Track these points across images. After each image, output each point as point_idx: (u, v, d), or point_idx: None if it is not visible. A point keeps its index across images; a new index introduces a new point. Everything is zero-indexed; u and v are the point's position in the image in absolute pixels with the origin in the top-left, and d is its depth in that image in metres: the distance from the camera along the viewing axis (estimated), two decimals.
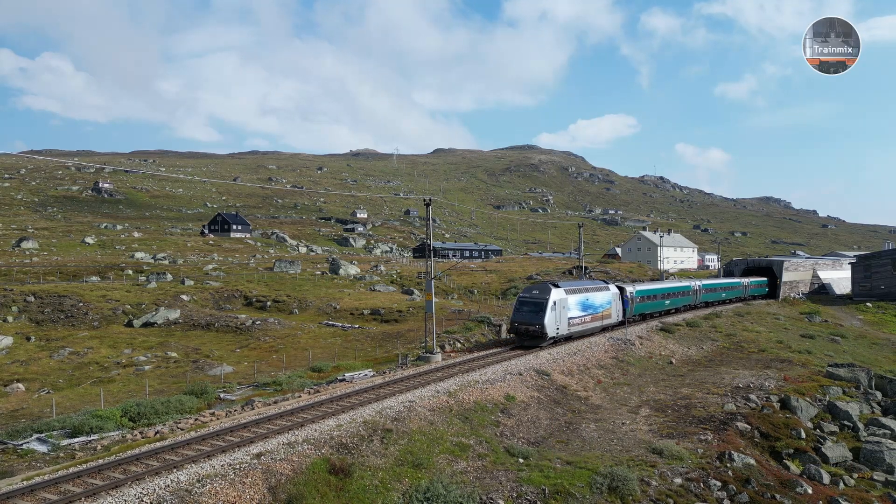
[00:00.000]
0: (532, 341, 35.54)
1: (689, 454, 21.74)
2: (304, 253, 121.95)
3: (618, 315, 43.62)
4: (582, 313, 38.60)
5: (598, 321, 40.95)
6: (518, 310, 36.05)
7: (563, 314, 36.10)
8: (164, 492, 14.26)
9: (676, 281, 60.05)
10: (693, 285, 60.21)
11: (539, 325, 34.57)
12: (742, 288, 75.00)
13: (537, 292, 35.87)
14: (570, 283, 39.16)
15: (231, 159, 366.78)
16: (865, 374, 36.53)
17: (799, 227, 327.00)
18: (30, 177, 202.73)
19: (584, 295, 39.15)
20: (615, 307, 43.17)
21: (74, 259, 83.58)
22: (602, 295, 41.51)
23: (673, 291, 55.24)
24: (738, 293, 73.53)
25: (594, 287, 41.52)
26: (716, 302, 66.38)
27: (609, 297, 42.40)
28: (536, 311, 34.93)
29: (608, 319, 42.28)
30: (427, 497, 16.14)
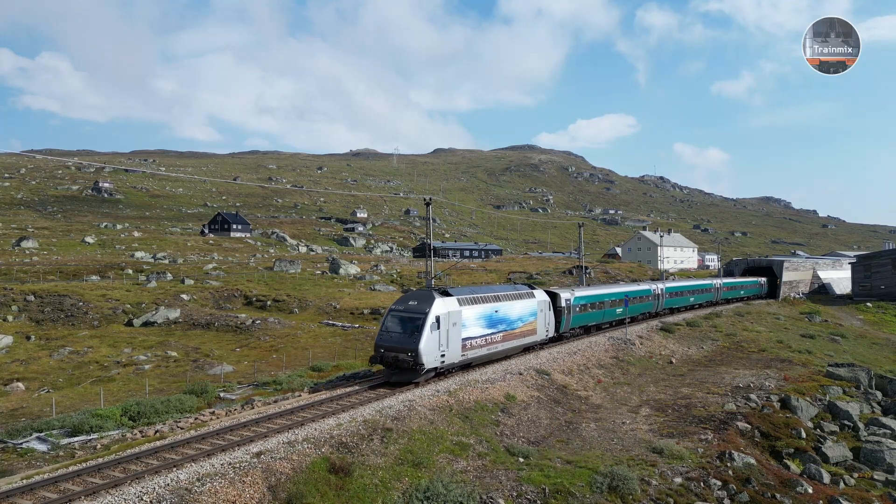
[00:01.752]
0: (402, 376, 24.91)
1: (689, 454, 21.74)
2: (304, 252, 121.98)
3: (547, 329, 34.75)
4: (487, 331, 28.67)
5: (516, 339, 31.45)
6: (385, 328, 25.58)
7: (453, 334, 25.90)
8: (164, 490, 14.24)
9: (634, 284, 52.44)
10: (654, 289, 52.20)
11: (412, 351, 24.08)
12: (714, 290, 65.67)
13: (414, 303, 25.62)
14: (468, 290, 29.37)
15: (231, 159, 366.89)
16: (865, 373, 36.56)
17: (799, 227, 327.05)
18: (30, 176, 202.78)
19: (490, 306, 29.11)
20: (543, 320, 34.08)
21: (74, 258, 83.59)
22: (522, 305, 31.97)
23: (627, 297, 46.70)
24: (710, 297, 64.63)
25: (509, 294, 31.71)
26: (683, 308, 58.36)
27: (533, 306, 32.97)
28: (410, 330, 24.67)
29: (531, 336, 33.09)
30: (427, 496, 16.12)
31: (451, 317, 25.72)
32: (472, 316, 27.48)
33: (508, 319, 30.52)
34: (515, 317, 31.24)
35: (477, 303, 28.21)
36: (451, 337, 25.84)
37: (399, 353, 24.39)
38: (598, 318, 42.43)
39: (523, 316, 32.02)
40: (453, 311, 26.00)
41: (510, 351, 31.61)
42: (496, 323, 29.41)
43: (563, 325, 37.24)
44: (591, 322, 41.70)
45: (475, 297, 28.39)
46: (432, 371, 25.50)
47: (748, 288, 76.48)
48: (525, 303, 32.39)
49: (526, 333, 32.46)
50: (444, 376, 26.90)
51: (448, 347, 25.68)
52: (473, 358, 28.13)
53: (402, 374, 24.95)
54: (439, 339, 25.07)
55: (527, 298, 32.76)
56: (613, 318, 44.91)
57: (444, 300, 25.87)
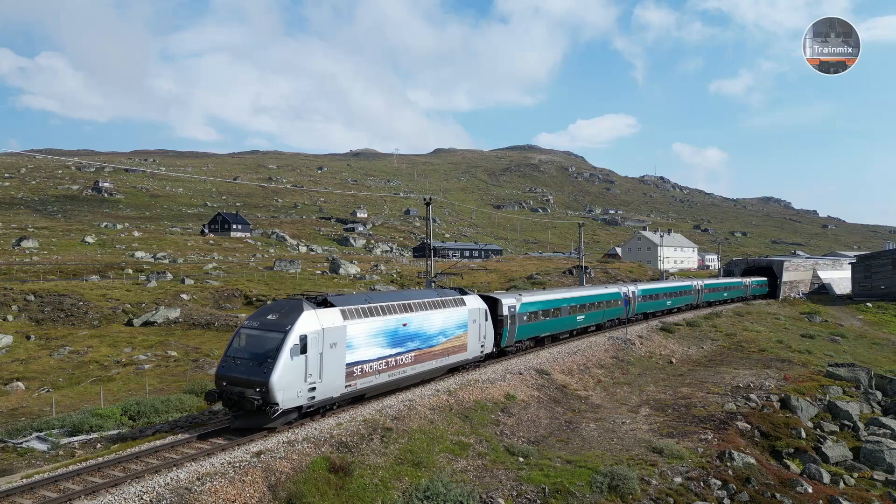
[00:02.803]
0: (247, 420, 18.51)
1: (689, 453, 21.76)
2: (304, 252, 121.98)
3: (483, 344, 28.81)
4: (389, 351, 22.40)
5: (436, 360, 25.24)
6: (229, 352, 19.22)
7: (331, 358, 19.66)
8: (164, 490, 14.25)
9: (600, 287, 46.97)
10: (625, 292, 47.06)
11: (261, 385, 17.78)
12: (694, 293, 60.95)
13: (274, 316, 19.38)
14: (360, 298, 22.77)
15: (231, 159, 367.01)
16: (865, 373, 36.59)
17: (799, 227, 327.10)
18: (30, 176, 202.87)
19: (394, 319, 22.71)
20: (477, 333, 28.12)
21: (74, 258, 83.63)
22: (445, 315, 25.74)
23: (590, 302, 40.92)
24: (689, 300, 59.87)
25: (426, 302, 25.15)
26: (659, 312, 53.97)
27: (462, 316, 26.86)
28: (261, 355, 18.38)
29: (459, 354, 26.87)
30: (427, 496, 16.13)
31: (327, 335, 19.45)
32: (365, 332, 21.25)
33: (424, 335, 24.35)
34: (435, 331, 25.11)
35: (373, 314, 21.88)
36: (328, 363, 19.47)
37: (245, 389, 17.94)
38: (553, 328, 36.81)
39: (447, 329, 25.88)
40: (331, 328, 19.71)
41: (428, 374, 25.42)
42: (404, 340, 23.18)
43: (506, 337, 31.42)
44: (543, 332, 35.84)
45: (370, 308, 22.04)
46: (294, 412, 18.91)
47: (732, 289, 71.86)
48: (450, 313, 26.19)
49: (451, 351, 26.29)
50: (303, 419, 19.89)
51: (322, 377, 19.25)
52: (366, 388, 21.62)
53: (248, 417, 18.35)
54: (305, 368, 18.63)
55: (453, 307, 26.60)
56: (574, 327, 39.43)
57: (316, 313, 19.69)
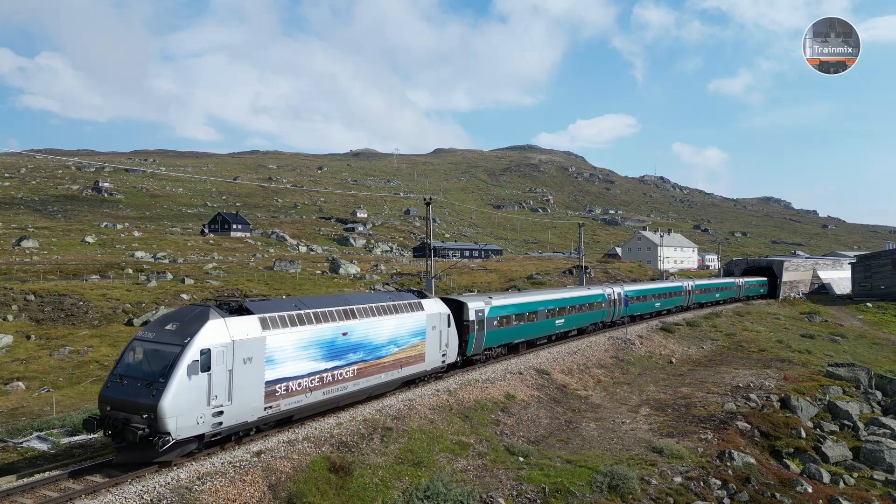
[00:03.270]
0: (132, 453, 15.34)
1: (689, 453, 21.78)
2: (304, 252, 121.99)
3: (444, 353, 26.15)
4: (324, 365, 19.60)
5: (386, 372, 22.56)
6: (117, 370, 16.17)
7: (245, 375, 16.87)
8: (165, 489, 14.27)
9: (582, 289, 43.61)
10: (609, 293, 44.26)
11: (148, 411, 14.93)
12: (684, 294, 59.14)
13: (173, 326, 16.43)
14: (289, 303, 19.88)
15: (231, 159, 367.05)
16: (865, 373, 36.62)
17: (799, 227, 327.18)
18: (30, 176, 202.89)
19: (329, 327, 19.91)
20: (437, 340, 25.48)
21: (74, 258, 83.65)
22: (397, 322, 23.15)
23: (570, 305, 38.52)
24: (679, 301, 58.10)
25: (373, 307, 22.49)
26: (647, 314, 51.78)
27: (419, 323, 24.35)
28: (151, 374, 15.50)
29: (415, 366, 24.22)
30: (427, 495, 16.15)
31: (239, 348, 16.69)
32: (293, 344, 18.49)
33: (369, 345, 21.64)
34: (384, 339, 22.44)
35: (302, 323, 19.01)
36: (240, 381, 16.67)
37: (131, 414, 15.04)
38: (528, 334, 34.13)
39: (400, 337, 23.20)
40: (245, 340, 16.94)
41: (375, 390, 22.54)
42: (344, 352, 20.43)
43: (473, 345, 28.69)
44: (517, 338, 33.21)
45: (300, 315, 19.13)
46: (193, 441, 15.92)
47: (724, 290, 70.02)
48: (403, 319, 23.52)
49: (405, 362, 23.54)
50: (234, 443, 17.49)
51: (231, 399, 16.43)
52: (293, 409, 18.71)
53: (131, 450, 15.20)
54: (209, 388, 15.85)
55: (407, 312, 23.85)
56: (552, 332, 36.98)
57: (226, 322, 16.80)
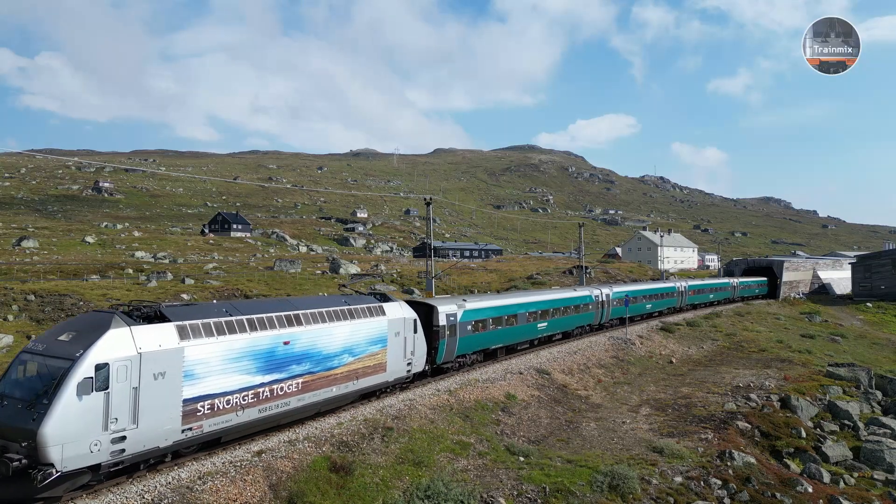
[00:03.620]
0: (7, 488, 13.00)
1: (689, 453, 21.78)
2: (304, 252, 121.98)
3: (407, 362, 23.80)
4: (258, 379, 17.23)
5: (338, 385, 20.24)
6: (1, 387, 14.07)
7: (155, 394, 14.59)
8: (166, 489, 14.28)
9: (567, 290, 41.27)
10: (597, 295, 42.12)
11: (28, 437, 12.73)
12: (677, 295, 58.21)
13: (68, 336, 14.30)
14: (221, 308, 17.41)
15: (231, 159, 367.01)
16: (866, 373, 36.65)
17: (799, 227, 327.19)
18: (30, 176, 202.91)
19: (268, 335, 17.66)
20: (401, 348, 23.29)
21: (75, 258, 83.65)
22: (351, 329, 20.90)
23: (554, 307, 36.74)
24: (671, 302, 57.28)
25: (322, 313, 20.04)
26: (637, 317, 49.94)
27: (377, 329, 22.09)
28: (34, 395, 13.32)
29: (374, 376, 21.97)
30: (428, 495, 16.15)
31: (148, 362, 14.29)
32: (220, 355, 16.13)
33: (318, 354, 19.32)
34: (337, 348, 20.13)
35: (232, 331, 16.63)
36: (149, 400, 14.33)
37: (9, 441, 12.90)
38: (506, 339, 32.08)
39: (356, 346, 21.02)
40: (157, 352, 14.52)
41: (326, 404, 20.14)
42: (286, 363, 18.15)
43: (443, 352, 26.46)
44: (494, 344, 31.02)
45: (229, 323, 16.73)
46: (85, 474, 13.59)
47: (719, 291, 69.09)
48: (360, 325, 21.29)
49: (361, 373, 21.27)
50: (144, 471, 15.17)
51: (137, 421, 14.09)
52: (220, 430, 16.33)
53: (8, 485, 12.87)
54: (106, 410, 13.61)
55: (365, 318, 21.65)
56: (534, 336, 35.09)
57: (132, 331, 14.39)
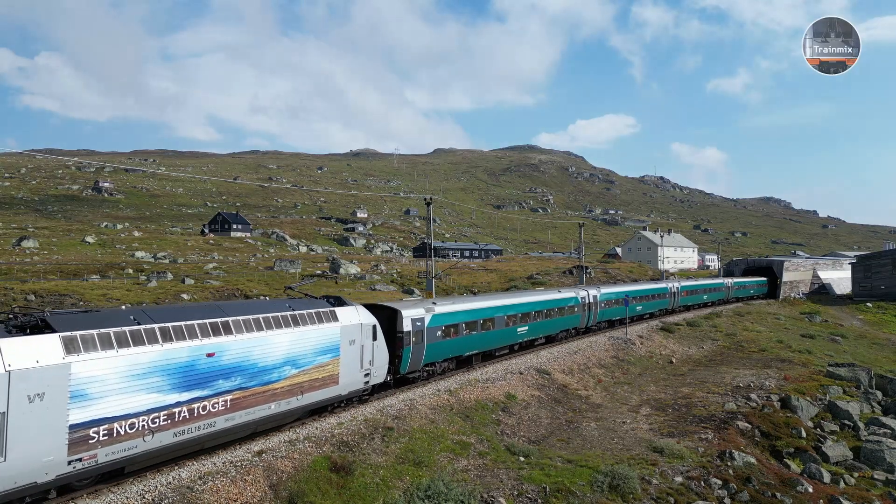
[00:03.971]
0: None
1: (689, 453, 21.79)
2: (304, 252, 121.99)
3: (365, 373, 21.39)
4: (173, 398, 14.98)
5: (277, 401, 17.71)
6: None
7: (28, 421, 12.26)
8: (166, 489, 14.28)
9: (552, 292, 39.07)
10: (583, 297, 40.16)
11: None
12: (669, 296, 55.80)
13: None
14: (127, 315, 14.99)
15: (231, 159, 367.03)
16: (866, 373, 36.66)
17: (799, 227, 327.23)
18: (30, 176, 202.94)
19: (185, 347, 15.33)
20: (355, 357, 20.77)
21: (75, 258, 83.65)
22: (296, 337, 18.41)
23: (536, 310, 34.69)
24: (664, 304, 55.16)
25: (257, 319, 17.54)
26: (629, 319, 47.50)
27: (328, 337, 19.59)
28: None
29: (323, 390, 19.48)
30: (428, 495, 16.15)
31: (20, 381, 12.18)
32: (121, 371, 13.87)
33: (252, 367, 16.85)
34: (277, 359, 17.63)
35: (137, 342, 14.19)
36: (22, 427, 12.22)
37: None
38: (482, 345, 29.93)
39: (301, 356, 18.47)
40: (31, 370, 12.38)
41: (264, 423, 17.68)
42: (210, 378, 15.75)
43: (408, 361, 24.22)
44: (468, 350, 29.01)
45: (134, 333, 14.26)
46: None
47: (713, 291, 67.66)
48: (306, 333, 18.74)
49: (308, 387, 18.69)
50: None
51: (5, 453, 11.95)
52: (123, 459, 14.08)
53: None
54: None
55: (313, 324, 19.12)
56: (514, 341, 33.12)
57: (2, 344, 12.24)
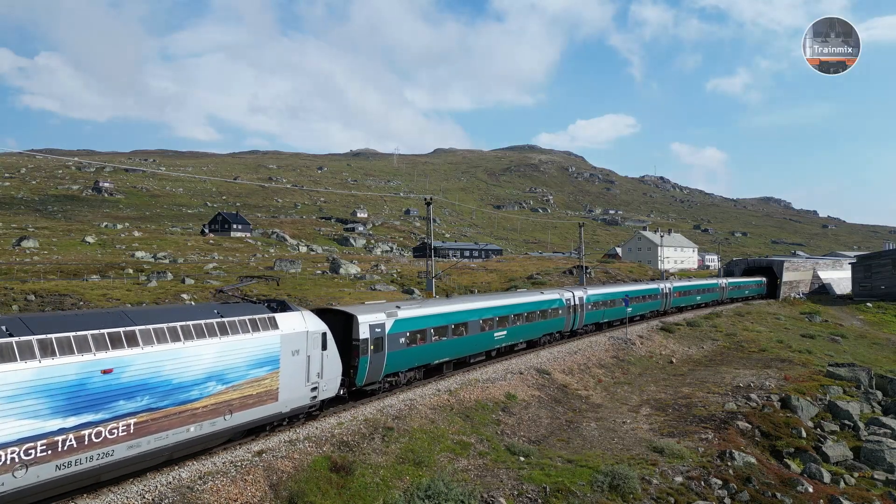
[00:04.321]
0: None
1: (689, 453, 21.78)
2: (304, 252, 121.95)
3: (312, 387, 18.89)
4: (57, 424, 12.32)
5: (196, 423, 15.35)
6: None
7: None
8: (166, 489, 14.28)
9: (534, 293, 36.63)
10: (567, 298, 37.95)
11: None
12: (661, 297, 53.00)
13: None
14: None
15: (231, 159, 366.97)
16: (866, 373, 36.66)
17: (799, 227, 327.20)
18: (30, 176, 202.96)
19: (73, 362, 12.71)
20: (300, 370, 18.39)
21: (75, 258, 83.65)
22: (223, 348, 16.07)
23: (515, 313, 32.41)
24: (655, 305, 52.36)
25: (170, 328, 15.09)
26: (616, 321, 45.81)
27: (265, 347, 17.31)
28: None
29: (259, 407, 17.13)
30: (428, 495, 16.15)
31: None
32: None
33: (164, 384, 14.48)
34: (198, 374, 15.22)
35: (4, 359, 11.85)
36: None
37: None
38: (452, 352, 27.57)
39: (230, 370, 16.11)
40: None
41: (181, 448, 15.19)
42: (107, 399, 13.40)
43: (365, 371, 21.77)
44: (437, 358, 26.48)
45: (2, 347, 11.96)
46: None
47: (706, 292, 66.16)
48: (237, 342, 16.38)
49: (239, 405, 16.35)
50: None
51: None
52: None
53: None
54: None
55: (245, 332, 16.77)
56: (490, 347, 30.66)
57: None
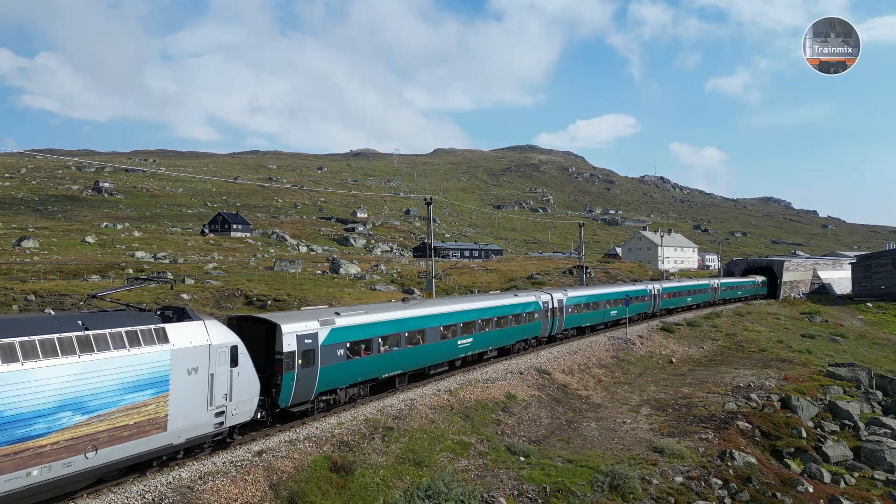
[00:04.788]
0: None
1: (690, 453, 21.77)
2: (304, 252, 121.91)
3: (217, 411, 16.15)
4: None
5: (44, 464, 12.28)
6: None
7: None
8: (167, 489, 14.27)
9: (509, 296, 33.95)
10: (545, 302, 35.31)
11: None
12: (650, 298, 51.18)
13: None
14: None
15: (231, 159, 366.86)
16: (866, 373, 36.65)
17: (799, 227, 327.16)
18: (30, 176, 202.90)
19: None
20: (200, 391, 15.74)
21: (75, 258, 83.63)
22: (88, 367, 13.13)
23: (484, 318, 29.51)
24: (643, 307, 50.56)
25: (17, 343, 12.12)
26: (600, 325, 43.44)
27: (152, 365, 14.46)
28: None
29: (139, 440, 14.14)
30: (428, 495, 16.14)
31: None
32: None
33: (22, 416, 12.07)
34: (45, 403, 12.48)
35: None
36: None
37: None
38: (406, 363, 24.25)
39: (97, 395, 13.33)
40: None
41: (18, 497, 12.22)
42: None
43: (291, 390, 18.72)
44: (387, 371, 23.19)
45: None
46: None
47: (697, 293, 64.27)
48: (108, 360, 13.66)
49: (107, 439, 13.53)
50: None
51: None
52: None
53: None
54: None
55: (121, 348, 13.99)
56: (455, 356, 27.54)
57: None
